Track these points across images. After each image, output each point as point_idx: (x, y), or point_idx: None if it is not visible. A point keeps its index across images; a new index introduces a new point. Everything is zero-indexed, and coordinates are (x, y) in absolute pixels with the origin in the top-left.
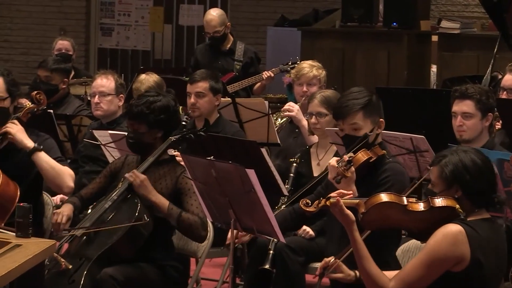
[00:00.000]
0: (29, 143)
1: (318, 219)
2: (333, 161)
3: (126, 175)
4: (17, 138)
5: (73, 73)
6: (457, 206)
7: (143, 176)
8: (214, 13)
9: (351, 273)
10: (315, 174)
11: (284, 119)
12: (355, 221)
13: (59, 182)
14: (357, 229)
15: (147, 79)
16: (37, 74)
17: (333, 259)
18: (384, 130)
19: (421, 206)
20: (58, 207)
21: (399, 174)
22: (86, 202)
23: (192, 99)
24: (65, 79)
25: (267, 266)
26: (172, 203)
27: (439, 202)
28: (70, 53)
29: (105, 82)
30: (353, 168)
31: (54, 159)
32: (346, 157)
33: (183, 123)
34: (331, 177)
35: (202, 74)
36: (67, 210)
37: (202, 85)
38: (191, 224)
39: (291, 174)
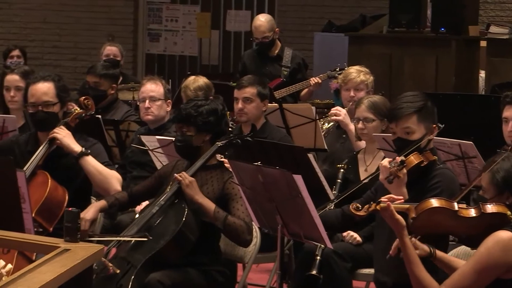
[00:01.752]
0: (77, 148)
1: (366, 225)
2: (385, 161)
3: (176, 175)
4: (64, 143)
5: (121, 78)
6: (509, 212)
7: (191, 178)
8: (263, 19)
9: (426, 248)
10: None
11: (331, 123)
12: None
13: (106, 186)
14: (407, 234)
15: (197, 79)
16: (86, 80)
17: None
18: None
19: (472, 212)
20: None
21: (449, 180)
22: (134, 198)
23: (239, 105)
24: (114, 85)
25: (314, 272)
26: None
27: (490, 208)
28: (118, 58)
29: (154, 87)
30: (405, 170)
31: (102, 163)
32: (398, 158)
33: (229, 129)
34: (382, 178)
35: (250, 80)
36: (91, 213)
37: (250, 91)
38: (236, 228)
39: (339, 180)
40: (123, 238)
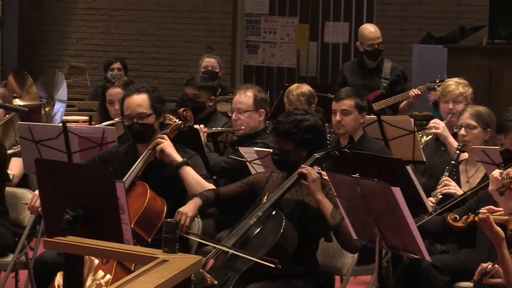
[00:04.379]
0: (178, 157)
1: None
2: (496, 173)
3: (301, 169)
4: (167, 152)
5: (219, 90)
6: None
7: (317, 174)
8: (372, 28)
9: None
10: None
11: (430, 136)
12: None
13: None
14: (506, 246)
15: (301, 86)
16: (185, 92)
17: (491, 265)
18: None
19: None
20: None
21: None
22: (222, 200)
23: (337, 117)
24: (212, 97)
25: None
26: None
27: None
28: (217, 70)
29: (242, 98)
30: None
31: (200, 176)
32: (511, 171)
33: (328, 140)
34: (493, 189)
35: (348, 92)
36: (191, 209)
37: (348, 103)
38: (350, 231)
39: (440, 195)
40: (234, 250)
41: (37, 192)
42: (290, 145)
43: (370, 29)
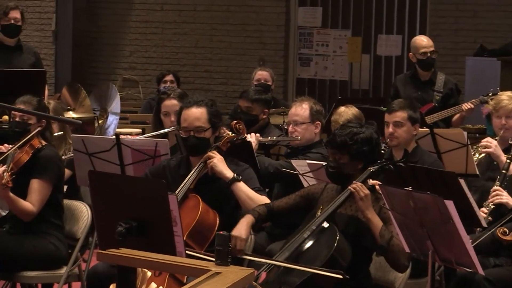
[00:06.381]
0: (228, 173)
1: None
2: None
3: (353, 185)
4: (217, 169)
5: (272, 103)
6: None
7: (367, 191)
8: (425, 38)
9: None
10: None
11: (482, 155)
12: None
13: None
14: None
15: (346, 112)
16: (238, 104)
17: None
18: None
19: None
20: None
21: None
22: (275, 214)
23: (390, 129)
24: (266, 110)
25: None
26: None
27: None
28: (269, 83)
29: (299, 110)
30: None
31: (252, 189)
32: None
33: (382, 151)
34: None
35: (400, 104)
36: (244, 231)
37: (400, 115)
38: (399, 250)
39: (492, 205)
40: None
41: None
42: (346, 157)
43: (422, 38)
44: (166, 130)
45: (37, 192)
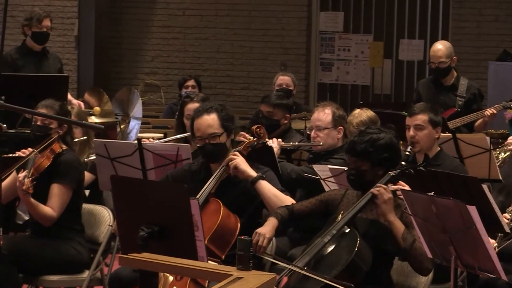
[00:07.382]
0: (252, 172)
1: None
2: None
3: (375, 188)
4: (240, 168)
5: (294, 108)
6: None
7: (390, 194)
8: (441, 45)
9: None
10: None
11: (507, 153)
12: None
13: None
14: None
15: (360, 113)
16: (259, 109)
17: None
18: None
19: None
20: None
21: None
22: (295, 217)
23: (411, 132)
24: (287, 115)
25: None
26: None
27: None
28: (291, 88)
29: (321, 116)
30: None
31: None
32: None
33: (407, 153)
34: None
35: (421, 107)
36: (269, 231)
37: (421, 118)
38: (422, 253)
39: None
40: (307, 272)
41: None
42: (367, 164)
43: (433, 49)
44: (186, 134)
45: (57, 197)
